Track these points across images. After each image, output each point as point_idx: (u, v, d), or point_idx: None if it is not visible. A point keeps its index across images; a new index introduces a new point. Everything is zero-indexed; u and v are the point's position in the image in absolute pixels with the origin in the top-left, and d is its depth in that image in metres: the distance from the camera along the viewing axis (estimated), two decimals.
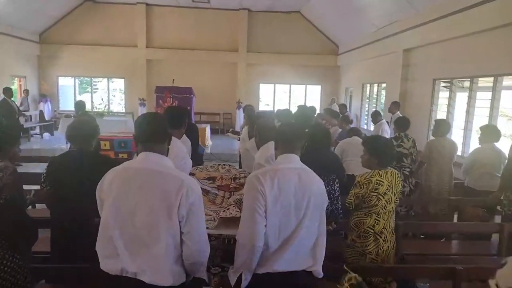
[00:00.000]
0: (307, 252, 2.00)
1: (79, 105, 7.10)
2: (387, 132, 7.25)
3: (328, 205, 2.27)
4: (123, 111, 15.44)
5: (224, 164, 3.86)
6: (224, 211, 2.48)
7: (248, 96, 15.21)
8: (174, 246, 1.74)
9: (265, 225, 1.92)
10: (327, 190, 2.25)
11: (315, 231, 2.02)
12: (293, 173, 1.99)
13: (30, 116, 12.70)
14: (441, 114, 8.35)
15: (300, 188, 1.96)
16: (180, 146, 2.91)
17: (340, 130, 6.76)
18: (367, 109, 12.59)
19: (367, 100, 12.61)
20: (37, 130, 12.60)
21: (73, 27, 14.37)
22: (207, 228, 2.08)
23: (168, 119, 2.24)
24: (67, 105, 15.15)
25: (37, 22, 13.49)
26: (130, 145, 8.46)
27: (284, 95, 16.50)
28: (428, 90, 8.54)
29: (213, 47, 14.85)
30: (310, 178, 2.03)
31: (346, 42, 14.01)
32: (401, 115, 6.75)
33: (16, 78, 13.62)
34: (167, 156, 1.89)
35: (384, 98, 11.19)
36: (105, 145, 8.40)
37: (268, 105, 16.21)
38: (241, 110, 14.93)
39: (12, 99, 8.64)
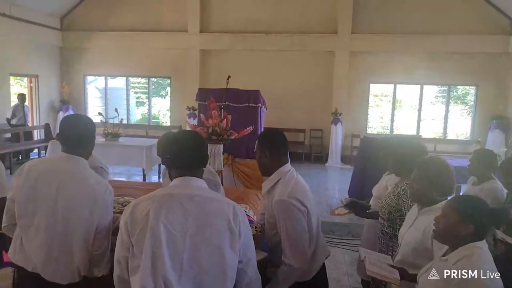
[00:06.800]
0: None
1: None
2: None
3: None
4: (168, 123, 11.09)
5: None
6: None
7: (351, 102, 9.80)
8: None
9: None
10: None
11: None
12: None
13: (31, 132, 8.85)
14: None
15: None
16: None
17: None
18: None
19: None
20: (40, 153, 8.64)
21: (103, 8, 10.38)
22: None
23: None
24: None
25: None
26: None
27: (402, 103, 10.70)
28: None
29: (299, 29, 9.72)
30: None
31: None
32: None
33: (26, 78, 10.00)
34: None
35: None
36: None
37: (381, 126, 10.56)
38: (339, 125, 9.61)
39: None
